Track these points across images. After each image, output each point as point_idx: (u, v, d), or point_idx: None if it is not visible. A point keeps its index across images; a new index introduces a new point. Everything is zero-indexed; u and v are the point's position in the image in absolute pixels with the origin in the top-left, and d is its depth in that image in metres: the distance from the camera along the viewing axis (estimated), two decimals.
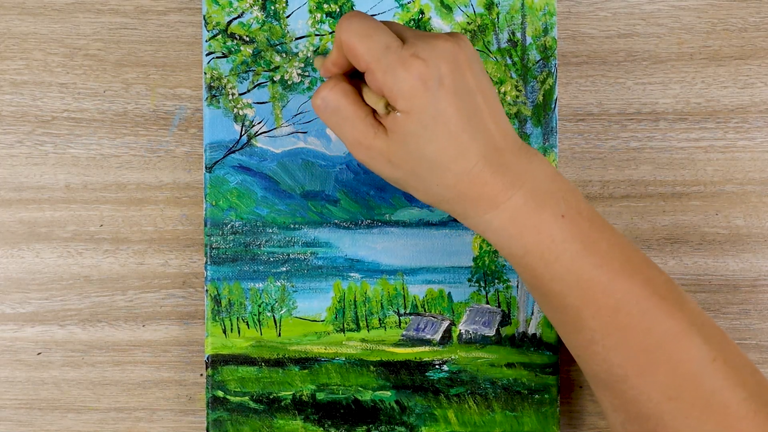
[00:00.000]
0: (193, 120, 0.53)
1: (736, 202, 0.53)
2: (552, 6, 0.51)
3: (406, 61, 0.38)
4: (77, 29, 0.52)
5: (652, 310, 0.40)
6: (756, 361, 0.53)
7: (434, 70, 0.38)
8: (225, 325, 0.50)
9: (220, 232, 0.50)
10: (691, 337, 0.40)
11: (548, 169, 0.41)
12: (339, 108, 0.40)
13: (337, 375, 0.50)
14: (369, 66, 0.39)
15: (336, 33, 0.40)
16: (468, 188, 0.40)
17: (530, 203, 0.40)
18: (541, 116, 0.51)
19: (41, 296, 0.52)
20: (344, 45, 0.39)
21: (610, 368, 0.41)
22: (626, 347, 0.40)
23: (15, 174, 0.52)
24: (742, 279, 0.53)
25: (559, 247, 0.40)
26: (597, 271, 0.40)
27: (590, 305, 0.40)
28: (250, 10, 0.51)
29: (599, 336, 0.41)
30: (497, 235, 0.41)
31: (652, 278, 0.41)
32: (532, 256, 0.40)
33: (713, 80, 0.53)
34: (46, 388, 0.52)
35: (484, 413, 0.50)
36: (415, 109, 0.38)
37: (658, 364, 0.40)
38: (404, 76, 0.38)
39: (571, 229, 0.40)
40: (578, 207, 0.41)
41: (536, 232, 0.40)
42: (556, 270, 0.40)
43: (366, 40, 0.38)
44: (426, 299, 0.51)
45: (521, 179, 0.40)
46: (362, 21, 0.39)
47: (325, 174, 0.51)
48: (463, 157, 0.39)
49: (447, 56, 0.39)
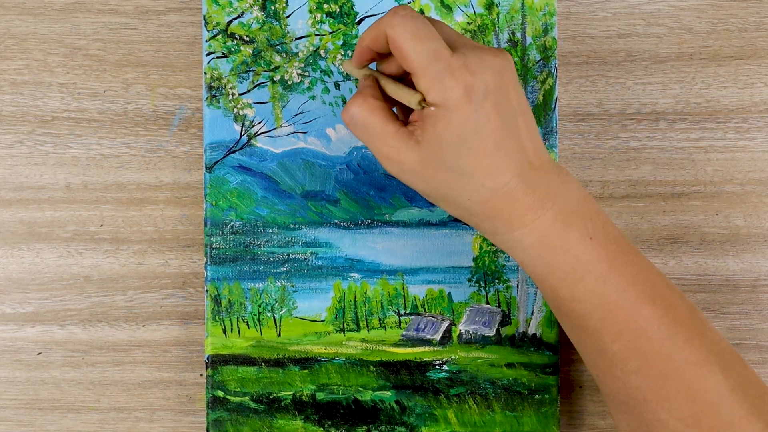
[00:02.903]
0: (193, 120, 0.53)
1: (736, 202, 0.53)
2: (552, 6, 0.51)
3: (456, 72, 0.37)
4: (77, 29, 0.52)
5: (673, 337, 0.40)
6: (756, 361, 0.53)
7: (481, 84, 0.38)
8: (225, 325, 0.50)
9: (220, 232, 0.50)
10: (710, 365, 0.40)
11: (579, 189, 0.41)
12: (368, 125, 0.40)
13: (337, 375, 0.50)
14: (416, 70, 0.38)
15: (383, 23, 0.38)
16: (500, 205, 0.39)
17: (559, 223, 0.40)
18: (541, 116, 0.51)
19: (41, 296, 0.52)
20: (393, 43, 0.38)
21: (628, 391, 0.41)
22: (646, 372, 0.40)
23: (15, 174, 0.52)
24: (742, 279, 0.53)
25: (584, 269, 0.40)
26: (620, 294, 0.40)
27: (612, 328, 0.40)
28: (250, 10, 0.51)
29: (619, 359, 0.40)
30: (524, 253, 0.41)
31: (674, 304, 0.41)
32: (556, 276, 0.40)
33: (713, 80, 0.53)
34: (46, 388, 0.52)
35: (484, 413, 0.50)
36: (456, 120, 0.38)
37: (677, 391, 0.40)
38: (452, 85, 0.37)
39: (597, 250, 0.40)
40: (606, 229, 0.41)
41: (563, 252, 0.40)
42: (579, 291, 0.40)
43: (417, 43, 0.38)
44: (426, 299, 0.51)
45: (552, 199, 0.40)
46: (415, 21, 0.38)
47: (325, 174, 0.51)
48: (497, 174, 0.39)
49: (495, 71, 0.38)
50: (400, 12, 0.38)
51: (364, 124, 0.40)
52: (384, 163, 0.40)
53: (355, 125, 0.40)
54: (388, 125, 0.40)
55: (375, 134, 0.40)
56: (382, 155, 0.40)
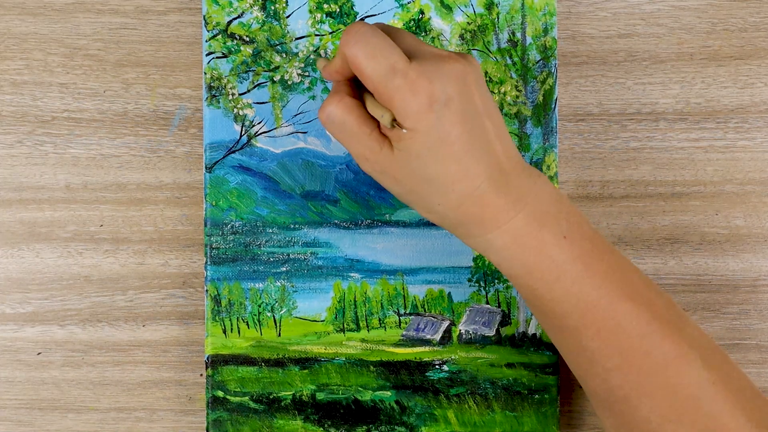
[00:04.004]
0: (193, 120, 0.53)
1: (736, 202, 0.53)
2: (552, 6, 0.51)
3: (413, 83, 0.37)
4: (77, 29, 0.52)
5: (652, 333, 0.40)
6: (756, 361, 0.53)
7: (441, 92, 0.38)
8: (225, 325, 0.50)
9: (220, 232, 0.50)
10: (691, 360, 0.40)
11: (551, 190, 0.41)
12: (344, 124, 0.40)
13: (337, 375, 0.50)
14: (376, 88, 0.38)
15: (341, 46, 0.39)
16: (471, 209, 0.39)
17: (533, 223, 0.40)
18: (541, 116, 0.51)
19: (41, 296, 0.52)
20: (351, 61, 0.38)
21: (610, 389, 0.41)
22: (626, 369, 0.40)
23: (15, 174, 0.52)
24: (742, 279, 0.53)
25: (560, 268, 0.40)
26: (597, 292, 0.40)
27: (590, 327, 0.40)
28: (250, 10, 0.51)
29: (599, 357, 0.40)
30: (499, 255, 0.41)
31: (652, 301, 0.41)
32: (532, 276, 0.40)
33: (713, 80, 0.53)
34: (46, 388, 0.52)
35: (484, 413, 0.50)
36: (421, 130, 0.38)
37: (658, 386, 0.40)
38: (410, 99, 0.37)
39: (572, 250, 0.40)
40: (581, 228, 0.41)
41: (537, 252, 0.40)
42: (556, 291, 0.40)
43: (371, 61, 0.38)
44: (426, 299, 0.51)
45: (524, 200, 0.40)
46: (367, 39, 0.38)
47: (325, 174, 0.51)
48: (467, 179, 0.39)
49: (455, 77, 0.38)
50: (353, 29, 0.38)
51: (341, 122, 0.40)
52: (359, 161, 0.41)
53: (332, 123, 0.40)
54: (364, 125, 0.40)
55: (351, 133, 0.40)
56: (357, 154, 0.41)
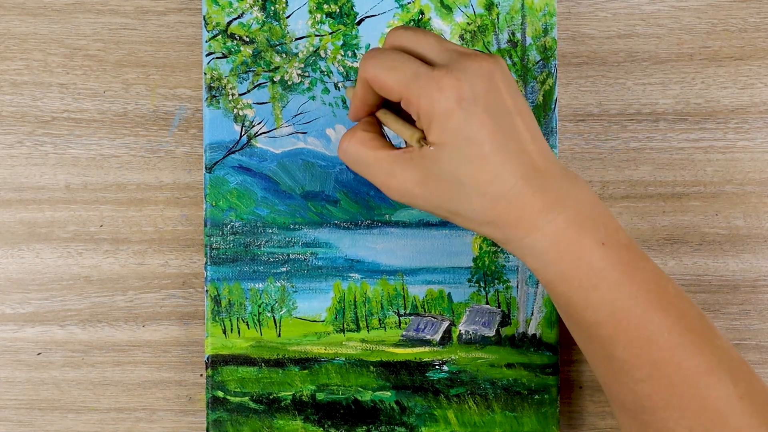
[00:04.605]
0: (193, 120, 0.53)
1: (736, 203, 0.53)
2: (552, 6, 0.51)
3: (440, 82, 0.37)
4: (77, 29, 0.53)
5: (684, 345, 0.39)
6: (756, 361, 0.53)
7: (468, 90, 0.37)
8: (225, 325, 0.50)
9: (220, 233, 0.50)
10: (720, 374, 0.39)
11: (590, 194, 0.40)
12: (360, 157, 0.40)
13: (337, 375, 0.50)
14: (402, 94, 0.38)
15: (360, 72, 0.39)
16: (507, 211, 0.39)
17: (572, 228, 0.39)
18: (541, 117, 0.51)
19: (41, 296, 0.52)
20: (372, 81, 0.39)
21: (637, 399, 0.40)
22: (655, 380, 0.39)
23: (15, 174, 0.52)
24: (742, 279, 0.53)
25: (598, 276, 0.39)
26: (632, 301, 0.39)
27: (623, 336, 0.39)
28: (250, 10, 0.51)
29: (629, 367, 0.40)
30: (538, 259, 0.40)
31: (685, 312, 0.40)
32: (569, 283, 0.39)
33: (713, 81, 0.53)
34: (46, 389, 0.52)
35: (484, 413, 0.50)
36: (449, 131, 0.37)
37: (687, 399, 0.39)
38: (437, 97, 0.37)
39: (611, 257, 0.39)
40: (618, 235, 0.40)
41: (576, 258, 0.39)
42: (592, 299, 0.39)
43: (392, 72, 0.38)
44: (426, 300, 0.51)
45: (563, 203, 0.39)
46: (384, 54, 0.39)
47: (325, 174, 0.51)
48: (500, 179, 0.38)
49: (482, 75, 0.38)
50: (369, 53, 0.39)
51: (356, 157, 0.41)
52: (386, 191, 0.41)
53: (349, 160, 0.41)
54: (379, 152, 0.40)
55: (368, 164, 0.40)
56: (381, 184, 0.41)
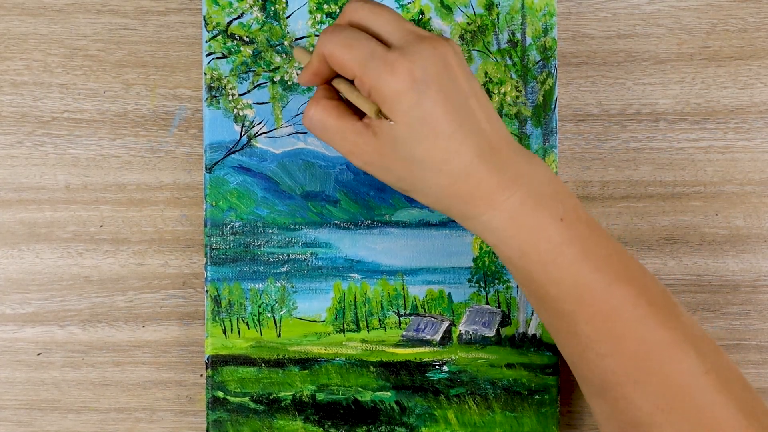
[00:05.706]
0: (193, 120, 0.53)
1: (736, 203, 0.53)
2: (552, 6, 0.51)
3: (393, 64, 0.38)
4: (77, 30, 0.52)
5: (647, 319, 0.40)
6: (756, 361, 0.53)
7: (421, 72, 0.38)
8: (225, 325, 0.50)
9: (220, 233, 0.50)
10: (685, 348, 0.39)
11: (547, 171, 0.41)
12: (325, 125, 0.41)
13: (337, 375, 0.50)
14: (356, 73, 0.39)
15: (318, 46, 0.40)
16: (463, 188, 0.40)
17: (529, 204, 0.40)
18: (541, 117, 0.51)
19: (41, 297, 0.52)
20: (329, 56, 0.40)
21: (602, 375, 0.41)
22: (619, 355, 0.40)
23: (15, 174, 0.52)
24: (742, 279, 0.53)
25: (557, 250, 0.40)
26: (594, 275, 0.40)
27: (585, 310, 0.40)
28: (250, 10, 0.51)
29: (593, 342, 0.40)
30: (495, 235, 0.41)
31: (648, 287, 0.41)
32: (529, 258, 0.40)
33: (713, 80, 0.53)
34: (46, 389, 0.52)
35: (484, 414, 0.50)
36: (401, 112, 0.38)
37: (651, 373, 0.39)
38: (389, 79, 0.38)
39: (569, 232, 0.40)
40: (576, 212, 0.41)
41: (534, 234, 0.40)
42: (552, 273, 0.40)
43: (349, 50, 0.39)
44: (426, 300, 0.51)
45: (519, 180, 0.40)
46: (342, 33, 0.40)
47: (325, 174, 0.51)
48: (455, 157, 0.39)
49: (435, 57, 0.39)
50: (328, 29, 0.40)
51: (322, 125, 0.42)
52: (349, 157, 0.42)
53: (314, 127, 0.42)
54: (344, 122, 0.41)
55: (334, 132, 0.41)
56: (345, 150, 0.42)
